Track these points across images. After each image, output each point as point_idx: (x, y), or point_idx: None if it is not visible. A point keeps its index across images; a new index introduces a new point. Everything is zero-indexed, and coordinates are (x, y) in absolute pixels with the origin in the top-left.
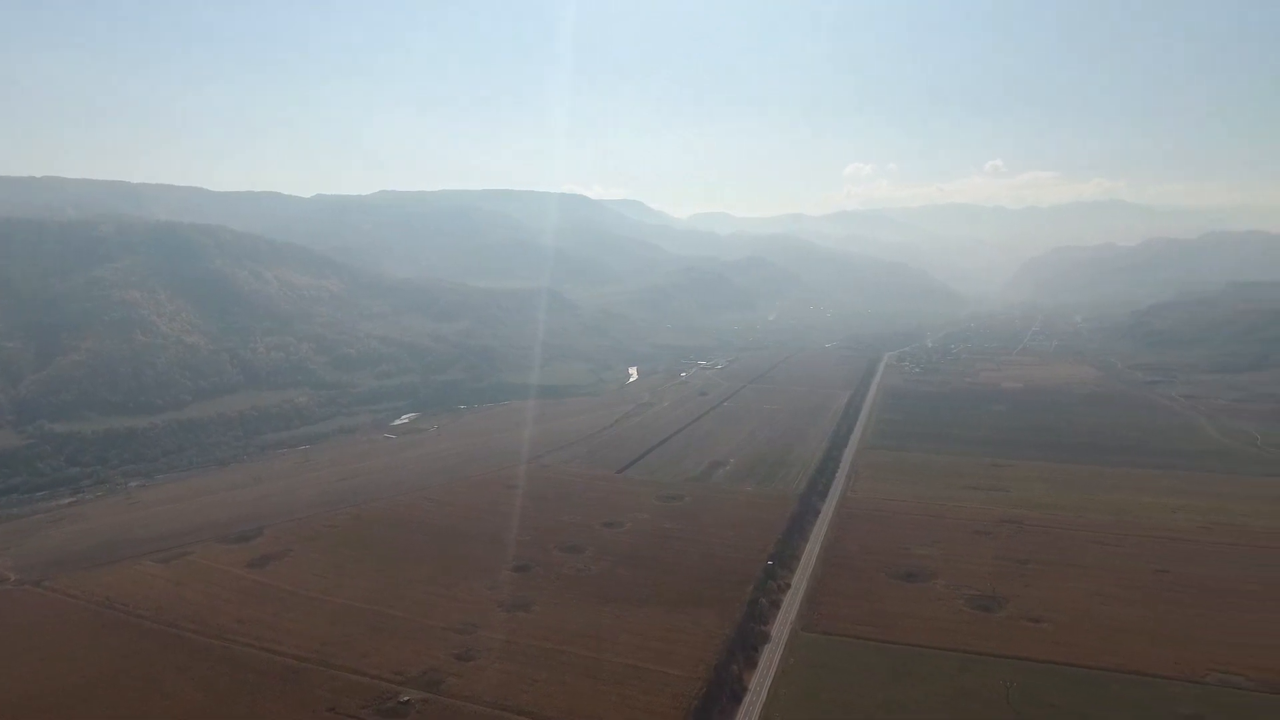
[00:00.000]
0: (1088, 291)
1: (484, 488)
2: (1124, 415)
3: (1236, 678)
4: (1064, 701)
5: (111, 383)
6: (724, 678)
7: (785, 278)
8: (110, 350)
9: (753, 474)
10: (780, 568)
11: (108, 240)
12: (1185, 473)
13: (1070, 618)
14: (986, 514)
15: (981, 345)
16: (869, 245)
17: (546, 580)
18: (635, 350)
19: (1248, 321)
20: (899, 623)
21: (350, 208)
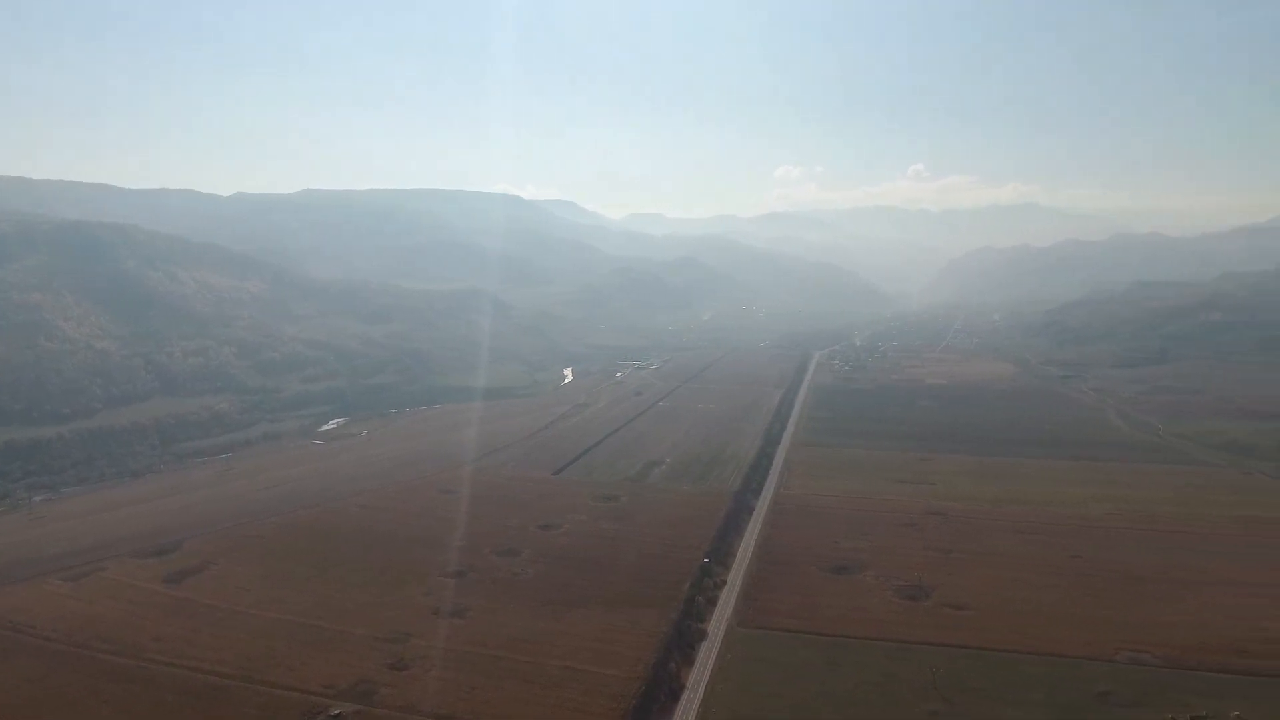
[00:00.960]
0: (1005, 291)
1: (417, 492)
2: (1039, 409)
3: (1143, 655)
4: (987, 685)
5: (13, 390)
6: (662, 676)
7: (719, 278)
8: (11, 356)
9: (689, 473)
10: (716, 565)
11: (7, 239)
12: (1095, 463)
13: (992, 604)
14: (913, 507)
15: (907, 343)
16: (799, 246)
17: (483, 585)
18: (571, 351)
19: (1149, 319)
20: (831, 615)
21: (274, 207)
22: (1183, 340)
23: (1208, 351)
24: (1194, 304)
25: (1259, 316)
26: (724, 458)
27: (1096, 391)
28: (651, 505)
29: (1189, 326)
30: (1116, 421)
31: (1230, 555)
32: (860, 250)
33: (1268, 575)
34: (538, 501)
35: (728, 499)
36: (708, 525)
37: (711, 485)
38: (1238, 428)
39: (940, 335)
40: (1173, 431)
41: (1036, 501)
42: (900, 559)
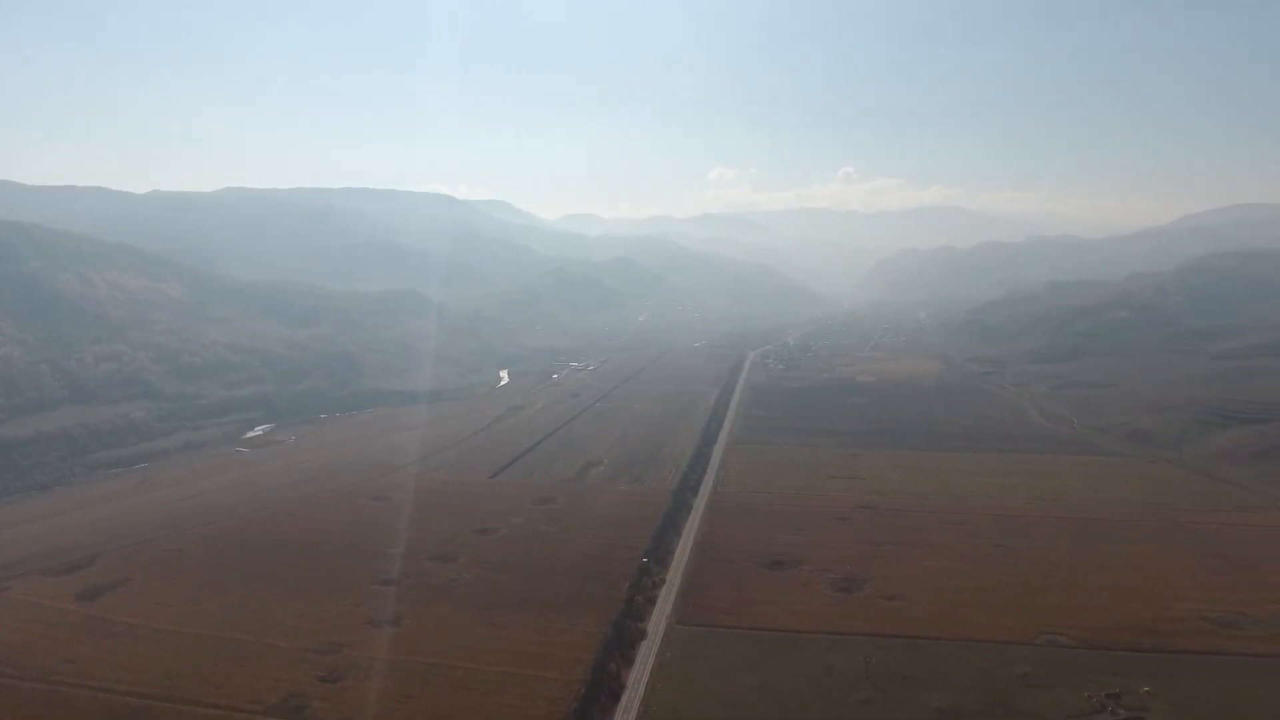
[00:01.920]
0: (930, 290)
1: (348, 499)
2: (963, 404)
3: (1060, 637)
4: (917, 672)
5: None
6: (602, 677)
7: (654, 278)
8: None
9: (626, 473)
10: (655, 564)
11: None
12: (1015, 455)
13: (921, 594)
14: (846, 501)
15: (838, 342)
16: (733, 247)
17: (417, 592)
18: (506, 353)
19: (1062, 317)
20: (768, 609)
21: (192, 206)
22: (1093, 337)
23: (1116, 347)
24: (1103, 303)
25: (1162, 314)
26: (662, 457)
27: (1015, 387)
28: (590, 506)
29: (1099, 324)
30: (1034, 415)
31: (1138, 540)
32: (793, 251)
33: (1172, 558)
34: (474, 505)
35: (666, 498)
36: (646, 525)
37: (649, 485)
38: (1144, 419)
39: (870, 334)
40: (1085, 424)
41: (962, 493)
42: (834, 552)
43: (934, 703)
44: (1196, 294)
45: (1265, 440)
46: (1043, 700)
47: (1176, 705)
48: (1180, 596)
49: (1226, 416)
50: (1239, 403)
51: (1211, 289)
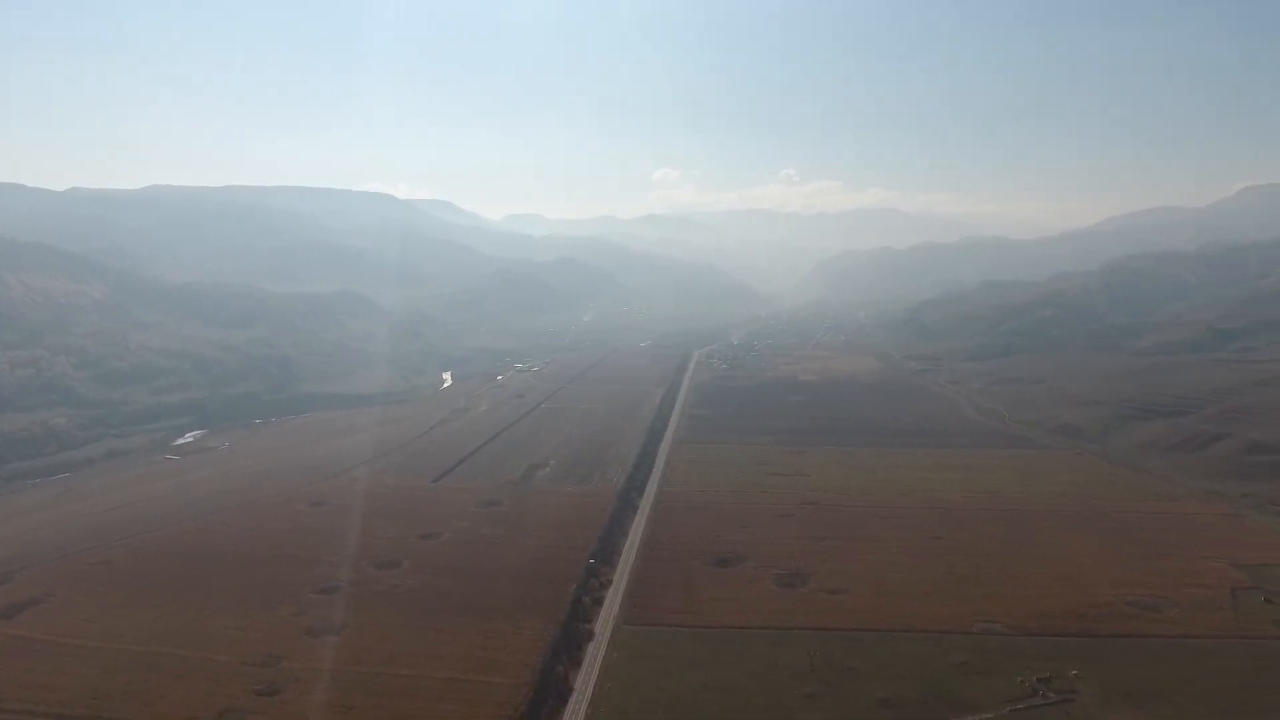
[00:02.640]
0: (870, 290)
1: (285, 506)
2: (902, 401)
3: (996, 625)
4: (860, 664)
5: None
6: (549, 680)
7: (600, 279)
8: None
9: (573, 474)
10: (602, 564)
11: None
12: (951, 450)
13: (863, 587)
14: (789, 498)
15: (781, 341)
16: (678, 247)
17: (359, 600)
18: (449, 354)
19: (995, 316)
20: (714, 607)
21: (116, 204)
22: (1023, 335)
23: (1045, 345)
24: (1032, 302)
25: (1087, 313)
26: (608, 458)
27: (951, 384)
28: (536, 508)
29: (1029, 323)
30: (968, 411)
31: (1067, 529)
32: (736, 251)
33: (1098, 547)
34: (417, 510)
35: (612, 498)
36: (593, 525)
37: (596, 485)
38: (1071, 414)
39: (811, 333)
40: (1017, 419)
41: (901, 488)
42: (778, 549)
43: (876, 693)
44: (1118, 293)
45: (1181, 432)
46: (979, 687)
47: (1103, 686)
48: (1106, 583)
49: (1146, 410)
50: (1157, 397)
51: (1131, 288)
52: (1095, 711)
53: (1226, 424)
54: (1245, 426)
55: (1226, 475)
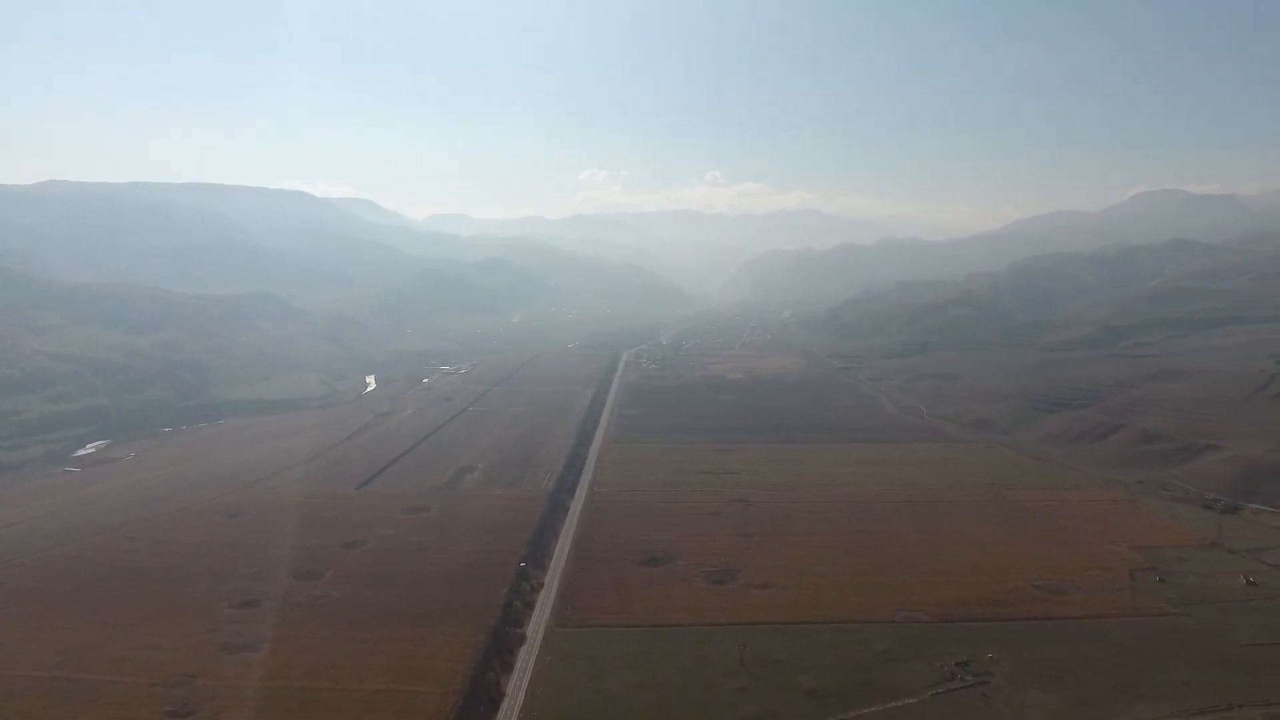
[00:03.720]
0: (793, 290)
1: (198, 519)
2: (826, 398)
3: (917, 614)
4: (788, 657)
5: None
6: (480, 687)
7: (528, 280)
8: None
9: (502, 477)
10: (533, 567)
11: None
12: (872, 445)
13: (790, 581)
14: (718, 495)
15: (708, 341)
16: (606, 248)
17: (279, 613)
18: (373, 358)
19: (912, 314)
20: (646, 606)
21: (6, 200)
22: (939, 332)
23: (959, 342)
24: (947, 301)
25: (997, 311)
26: (537, 459)
27: (872, 380)
28: (464, 513)
29: (944, 321)
30: (889, 407)
31: (981, 519)
32: (664, 252)
33: (1009, 534)
34: (340, 518)
35: (542, 500)
36: (523, 528)
37: (526, 488)
38: (983, 407)
39: (738, 332)
40: (933, 413)
41: (825, 483)
42: (708, 546)
43: (804, 684)
44: (1024, 292)
45: (1083, 424)
46: (902, 674)
47: (1016, 667)
48: (1017, 569)
49: (1051, 403)
50: (1061, 391)
51: (1037, 288)
52: (1009, 691)
53: (1122, 415)
54: (1139, 417)
55: (1123, 463)
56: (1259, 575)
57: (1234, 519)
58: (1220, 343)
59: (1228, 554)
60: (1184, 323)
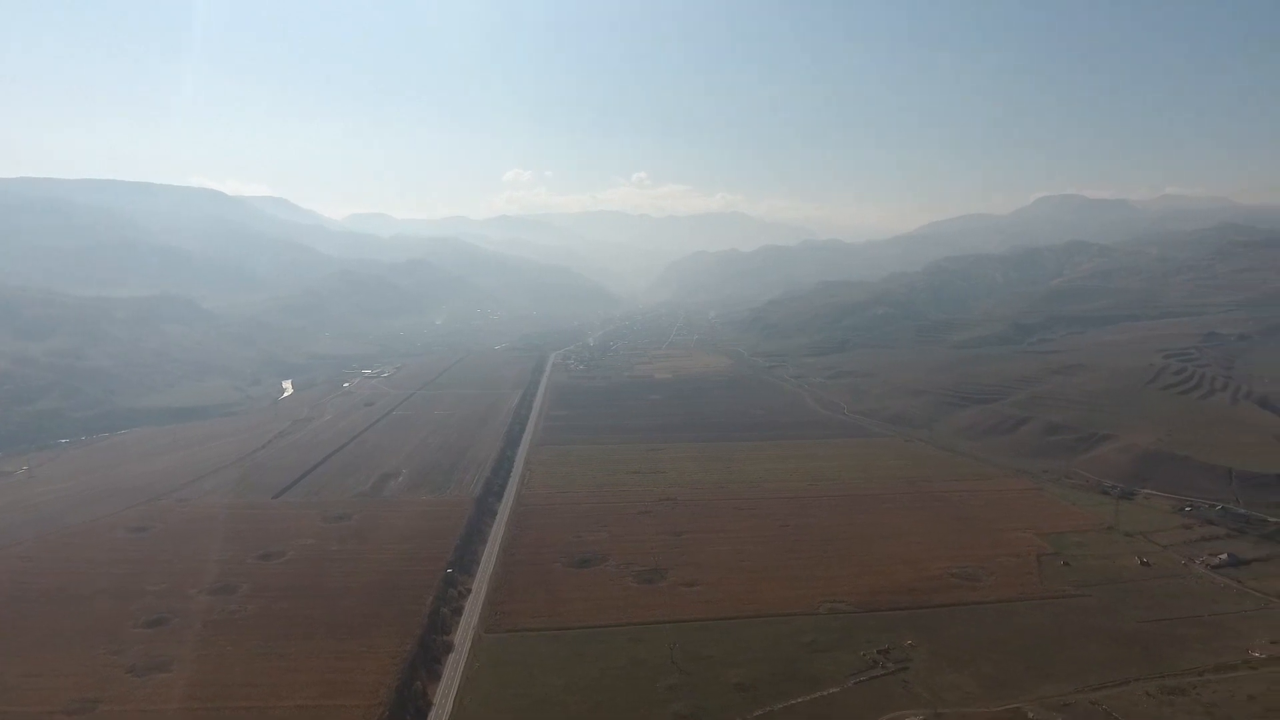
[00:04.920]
0: (719, 290)
1: (100, 535)
2: (751, 396)
3: (840, 604)
4: (717, 652)
5: None
6: (407, 697)
7: (452, 281)
8: None
9: (427, 482)
10: (460, 573)
11: None
12: (796, 441)
13: (718, 577)
14: (648, 495)
15: (636, 341)
16: (532, 249)
17: (190, 631)
18: (289, 362)
19: (833, 313)
20: (576, 608)
21: None
22: (859, 331)
23: (877, 339)
24: (865, 300)
25: (914, 309)
26: (464, 464)
27: (795, 378)
28: (388, 520)
29: (863, 319)
30: (812, 404)
31: (900, 510)
32: (590, 253)
33: (927, 524)
34: (256, 530)
35: (470, 505)
36: (450, 534)
37: (452, 493)
38: (901, 403)
39: (665, 333)
40: (854, 409)
41: (752, 479)
42: (638, 545)
43: (733, 678)
44: (939, 291)
45: (993, 417)
46: (827, 663)
47: (933, 652)
48: (934, 557)
49: (964, 398)
50: (973, 386)
51: (950, 287)
52: (927, 676)
53: (1029, 408)
54: (1045, 410)
55: (1030, 454)
56: (1151, 556)
57: (1129, 504)
58: (1115, 338)
59: (1124, 537)
60: (1083, 319)
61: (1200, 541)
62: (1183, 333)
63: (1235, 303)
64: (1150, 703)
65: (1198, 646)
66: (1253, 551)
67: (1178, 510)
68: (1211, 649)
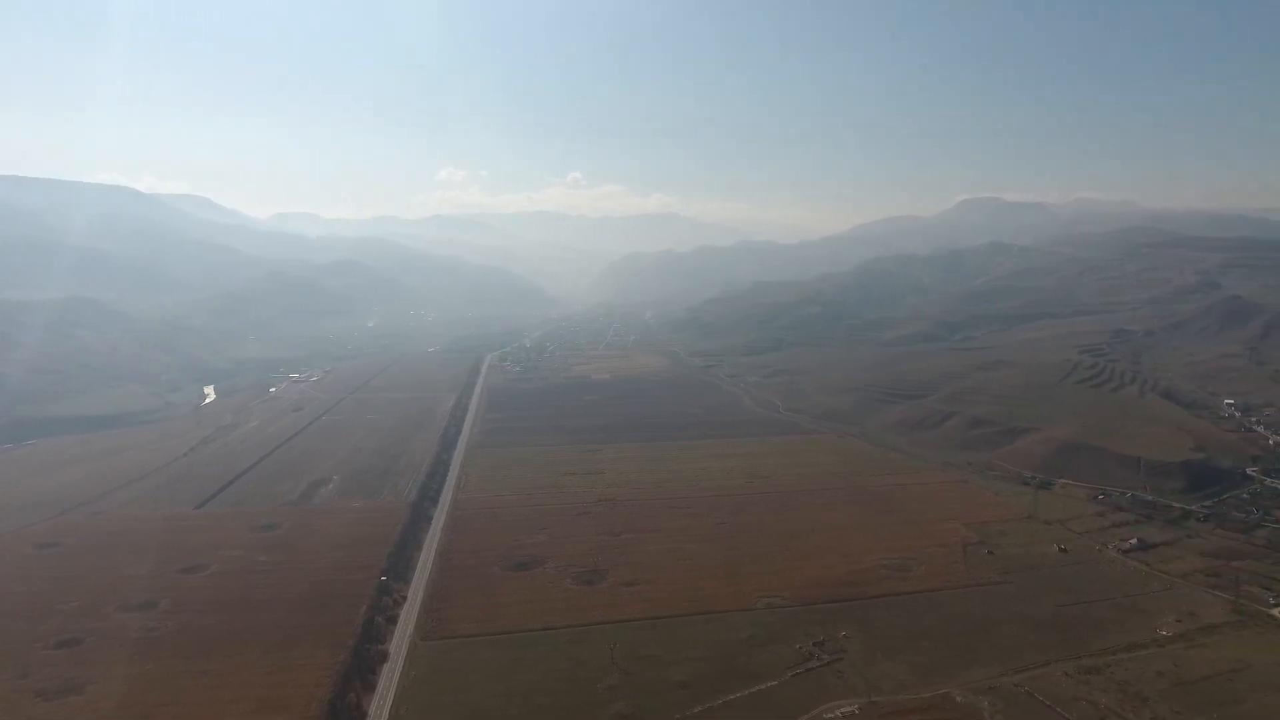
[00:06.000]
0: (655, 290)
1: (4, 551)
2: (689, 396)
3: (777, 599)
4: (658, 650)
5: None
6: (340, 710)
7: (384, 282)
8: None
9: (360, 488)
10: (396, 581)
11: None
12: (733, 439)
13: (658, 576)
14: (586, 496)
15: (573, 342)
16: (467, 249)
17: (106, 651)
18: (212, 366)
19: (767, 313)
20: (515, 612)
21: None
22: (793, 330)
23: (810, 338)
24: (799, 300)
25: (845, 308)
26: (398, 468)
27: (731, 377)
28: (319, 528)
29: (796, 319)
30: (747, 402)
31: (833, 505)
32: (526, 253)
33: (859, 518)
34: (177, 542)
35: (404, 511)
36: (384, 541)
37: (386, 498)
38: (834, 400)
39: (602, 333)
40: (789, 407)
41: (690, 478)
42: (577, 547)
43: (674, 677)
44: (869, 291)
45: (921, 412)
46: (765, 658)
47: (867, 642)
48: (867, 550)
49: (893, 394)
50: (902, 383)
51: (879, 287)
52: (861, 665)
53: (955, 403)
54: (969, 405)
55: (956, 447)
56: (1068, 542)
57: (1047, 493)
58: (1034, 335)
59: (1043, 525)
60: (1004, 317)
61: (1112, 528)
62: (1095, 330)
63: (1142, 300)
64: (1069, 682)
65: (1111, 627)
66: (1159, 535)
67: (1092, 498)
68: (1124, 629)
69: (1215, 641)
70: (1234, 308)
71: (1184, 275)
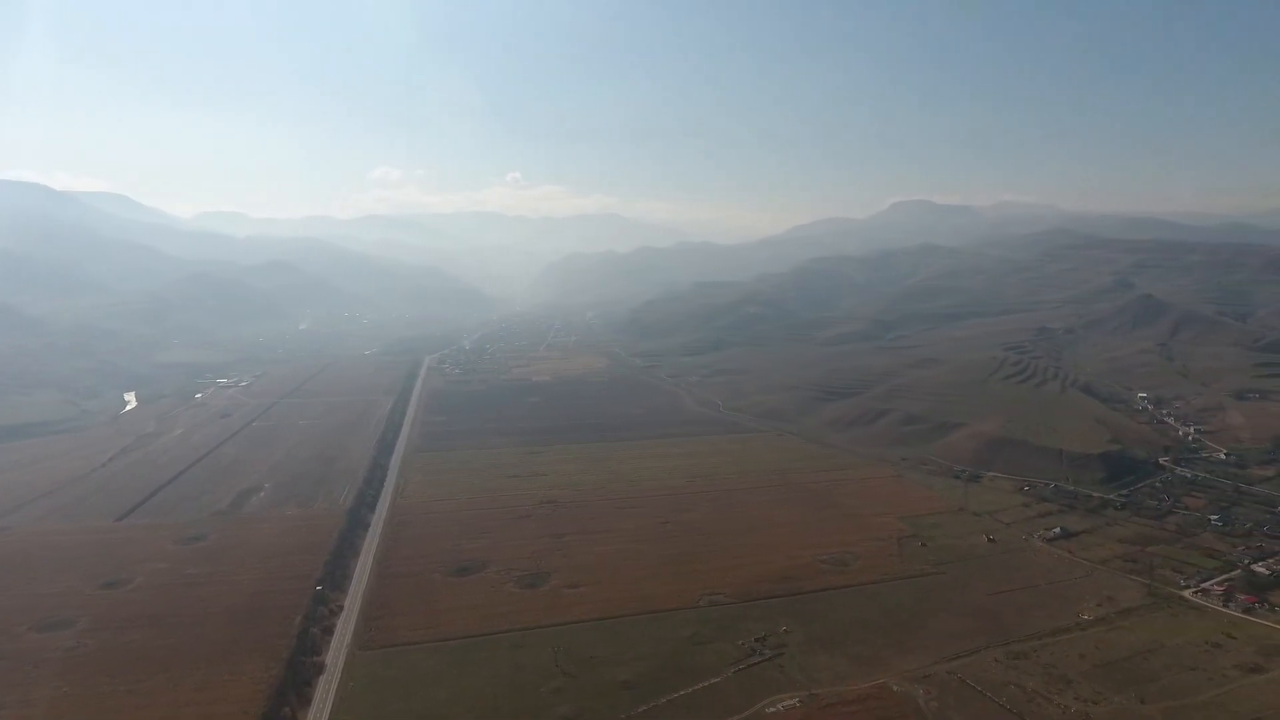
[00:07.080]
0: (596, 291)
1: None
2: (630, 396)
3: (719, 597)
4: (602, 652)
5: None
6: None
7: (316, 284)
8: None
9: (293, 496)
10: (332, 590)
11: None
12: (675, 439)
13: (601, 578)
14: (528, 498)
15: (513, 344)
16: (403, 250)
17: (18, 674)
18: (133, 372)
19: (707, 313)
20: (456, 617)
21: None
22: (732, 330)
23: (750, 338)
24: (738, 300)
25: (783, 308)
26: (334, 475)
27: (672, 377)
28: (250, 539)
29: (736, 319)
30: (689, 402)
31: (773, 502)
32: (465, 254)
33: (798, 514)
34: (97, 556)
35: (340, 518)
36: (319, 550)
37: (321, 506)
38: (773, 399)
39: (543, 335)
40: (729, 406)
41: (632, 478)
42: (519, 550)
43: (618, 677)
44: (806, 291)
45: (857, 410)
46: (709, 655)
47: (806, 636)
48: (806, 545)
49: (830, 392)
50: (839, 381)
51: (816, 287)
52: (801, 659)
53: (889, 400)
54: (903, 401)
55: (891, 443)
56: (997, 533)
57: (976, 486)
58: (963, 334)
59: (973, 516)
60: (935, 316)
61: (1037, 518)
62: (1019, 328)
63: (1062, 299)
64: (999, 668)
65: (1037, 613)
66: (1080, 524)
67: (1018, 490)
68: (1049, 614)
69: (1132, 624)
70: (1146, 306)
71: (1100, 275)
